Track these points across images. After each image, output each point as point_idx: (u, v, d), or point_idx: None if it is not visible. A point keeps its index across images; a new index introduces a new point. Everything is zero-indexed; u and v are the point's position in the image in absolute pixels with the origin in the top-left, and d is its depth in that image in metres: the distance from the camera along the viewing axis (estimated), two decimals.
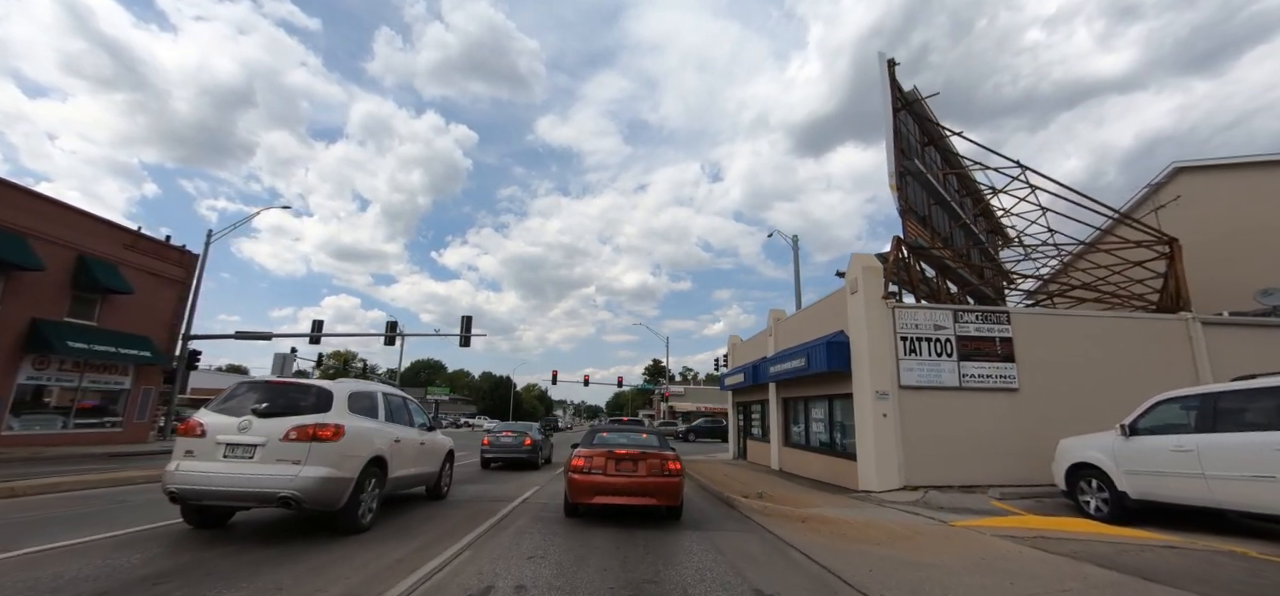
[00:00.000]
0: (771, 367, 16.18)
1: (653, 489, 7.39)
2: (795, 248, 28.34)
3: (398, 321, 29.78)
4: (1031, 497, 9.87)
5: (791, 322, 16.82)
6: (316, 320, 29.24)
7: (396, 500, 9.04)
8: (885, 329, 11.42)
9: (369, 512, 6.79)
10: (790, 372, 14.51)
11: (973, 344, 11.59)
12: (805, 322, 15.32)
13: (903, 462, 10.85)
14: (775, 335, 17.83)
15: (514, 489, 11.50)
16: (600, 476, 7.46)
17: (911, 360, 11.32)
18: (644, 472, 7.47)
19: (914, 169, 14.03)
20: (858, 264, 11.93)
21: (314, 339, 29.22)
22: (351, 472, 6.35)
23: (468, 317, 29.09)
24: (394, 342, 29.49)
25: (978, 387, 11.40)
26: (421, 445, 8.63)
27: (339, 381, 7.14)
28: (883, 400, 11.01)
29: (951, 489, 10.57)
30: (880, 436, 10.85)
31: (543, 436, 18.54)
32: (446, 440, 10.00)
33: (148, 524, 6.68)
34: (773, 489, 11.47)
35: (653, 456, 7.62)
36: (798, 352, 13.99)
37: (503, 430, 17.21)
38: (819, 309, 14.51)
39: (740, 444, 22.86)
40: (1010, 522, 7.64)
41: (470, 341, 29.17)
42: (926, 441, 11.02)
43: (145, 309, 24.07)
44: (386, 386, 8.32)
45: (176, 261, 26.12)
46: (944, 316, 11.72)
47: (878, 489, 10.62)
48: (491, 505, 9.29)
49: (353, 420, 6.65)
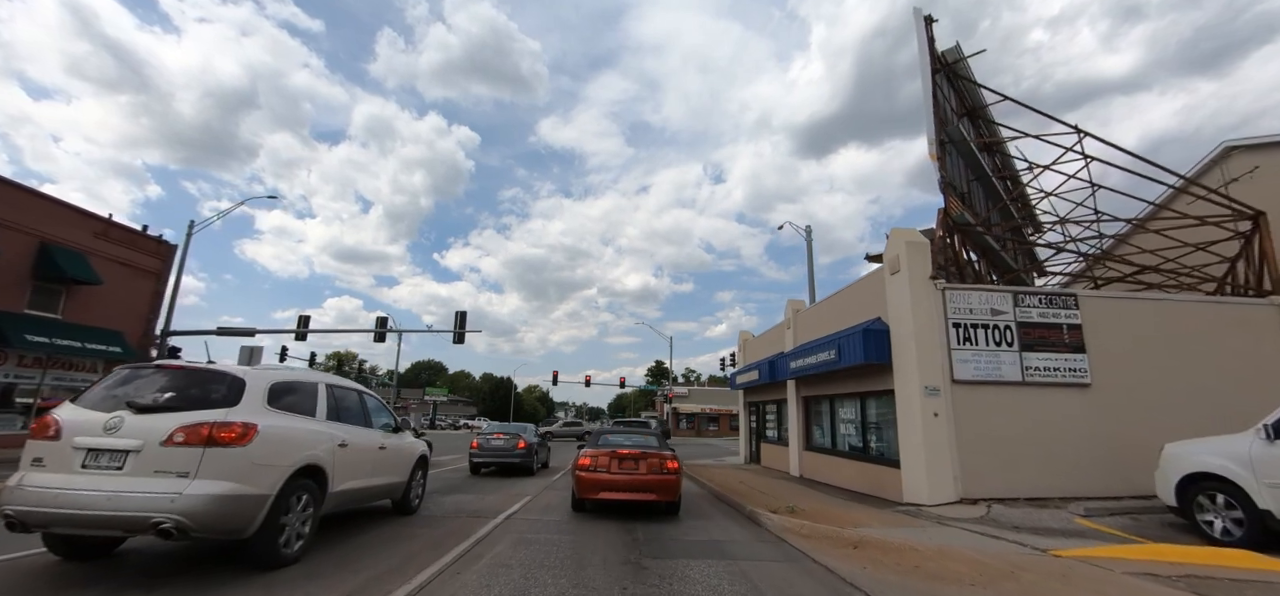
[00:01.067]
0: (791, 363, 14.54)
1: (653, 486, 7.99)
2: (809, 239, 26.75)
3: (388, 317, 28.27)
4: (1122, 513, 8.20)
5: (814, 313, 15.17)
6: (303, 315, 27.74)
7: (349, 517, 7.43)
8: (934, 314, 9.78)
9: (297, 539, 5.18)
10: (815, 368, 12.86)
11: (1036, 331, 9.93)
12: (831, 312, 13.67)
13: (958, 470, 9.19)
14: (794, 328, 16.18)
15: (501, 500, 9.88)
16: (605, 474, 8.05)
17: (966, 350, 9.67)
18: (645, 471, 8.08)
19: (957, 136, 12.39)
20: (899, 240, 10.28)
21: (300, 335, 27.66)
22: (267, 487, 4.74)
23: (462, 313, 27.51)
24: (384, 339, 27.98)
25: (1043, 382, 9.74)
26: (381, 450, 7.02)
27: (258, 367, 5.55)
28: (933, 397, 9.35)
29: (1018, 502, 8.90)
30: (931, 439, 9.20)
31: (538, 439, 16.94)
32: (418, 444, 8.40)
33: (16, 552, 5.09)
34: (801, 500, 9.82)
35: (653, 456, 8.22)
36: (824, 345, 12.34)
37: (494, 431, 15.60)
38: (849, 295, 12.86)
39: (752, 447, 21.19)
40: (1131, 553, 5.97)
41: (464, 337, 27.59)
42: (985, 445, 9.36)
43: (117, 302, 22.54)
44: (335, 378, 6.71)
45: (152, 252, 24.62)
46: (1003, 299, 10.06)
47: (929, 502, 8.96)
48: (469, 522, 7.67)
49: (273, 418, 5.05)
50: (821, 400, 14.33)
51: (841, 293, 13.43)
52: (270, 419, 4.99)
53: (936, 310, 9.79)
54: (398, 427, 7.87)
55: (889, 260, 10.50)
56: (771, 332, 19.14)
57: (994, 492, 9.09)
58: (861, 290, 12.17)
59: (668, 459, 8.27)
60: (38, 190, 19.86)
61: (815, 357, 12.84)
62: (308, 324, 27.90)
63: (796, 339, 15.84)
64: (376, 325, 27.96)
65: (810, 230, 27.10)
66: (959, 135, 12.38)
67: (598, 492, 8.01)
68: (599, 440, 9.08)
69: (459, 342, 27.59)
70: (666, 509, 8.54)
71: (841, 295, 13.33)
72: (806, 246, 26.58)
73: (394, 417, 7.89)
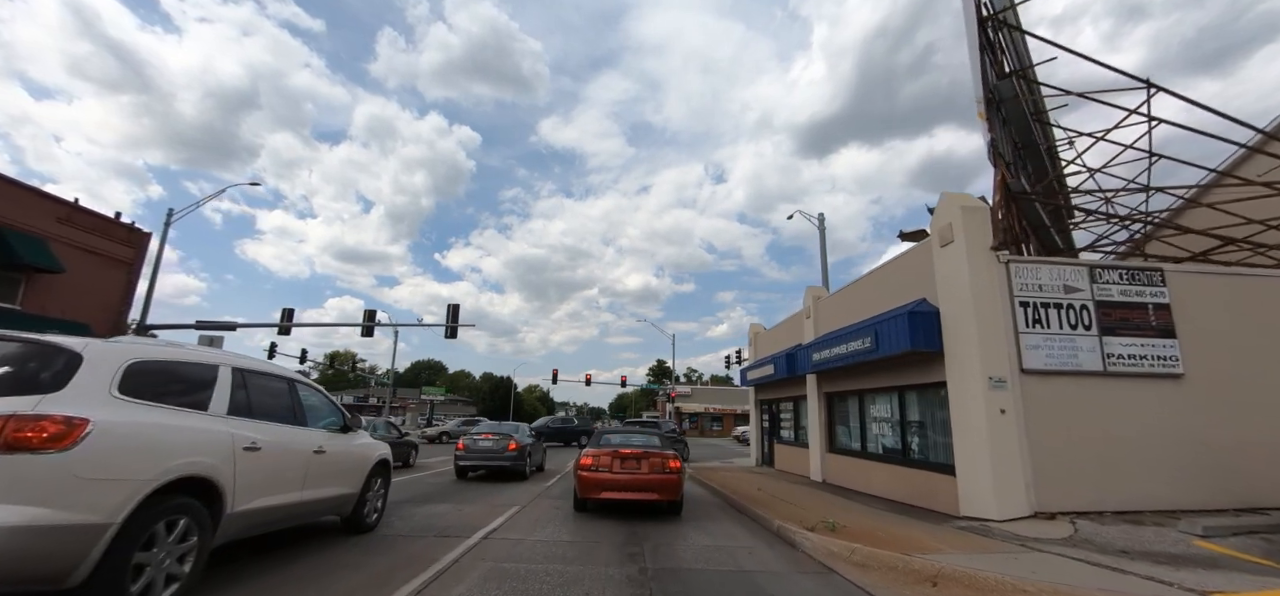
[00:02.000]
0: (814, 355, 12.98)
1: (655, 485, 7.95)
2: (821, 227, 25.24)
3: (377, 311, 26.72)
4: (1246, 532, 6.62)
5: (838, 300, 13.60)
6: (286, 309, 26.22)
7: (279, 540, 5.88)
8: (997, 291, 8.22)
9: (166, 584, 3.64)
10: (843, 359, 11.30)
11: (1117, 312, 8.36)
12: (861, 296, 12.11)
13: (1031, 478, 7.63)
14: (815, 316, 14.62)
15: (482, 512, 8.34)
16: (607, 474, 7.99)
17: (1036, 334, 8.11)
18: (647, 470, 8.01)
19: (1008, 92, 10.82)
20: (953, 205, 8.72)
21: (284, 329, 26.16)
22: (105, 513, 3.20)
23: (454, 306, 26.00)
24: (372, 333, 26.46)
25: (1128, 371, 8.17)
26: (318, 455, 5.47)
27: (117, 341, 4.02)
28: (999, 390, 7.79)
29: (1106, 517, 7.34)
30: (997, 441, 7.64)
31: (533, 439, 15.41)
32: (374, 447, 6.84)
33: None
34: (837, 513, 8.27)
35: (655, 455, 8.17)
36: (856, 332, 10.78)
37: (482, 432, 14.05)
38: (882, 276, 11.30)
39: (764, 448, 19.64)
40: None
41: (457, 332, 26.05)
42: (1061, 448, 7.81)
43: (84, 291, 21.03)
44: (251, 359, 5.16)
45: (124, 240, 23.09)
46: (1077, 274, 8.50)
47: (997, 516, 7.40)
48: (436, 545, 6.13)
49: (123, 411, 3.50)
50: (848, 396, 12.77)
51: (873, 274, 11.86)
52: (117, 412, 3.44)
53: (999, 287, 8.23)
54: (347, 426, 6.32)
55: (939, 230, 8.93)
56: (787, 324, 17.59)
57: (1075, 505, 7.53)
58: (899, 269, 10.61)
59: (670, 458, 8.24)
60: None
61: (844, 348, 11.29)
62: (292, 318, 26.40)
63: (818, 328, 14.28)
64: (365, 318, 26.45)
65: (823, 218, 25.62)
66: (1011, 92, 10.81)
67: (599, 492, 7.97)
68: (600, 439, 9.00)
69: (452, 337, 26.09)
70: (669, 508, 8.44)
71: (873, 276, 11.77)
72: (820, 235, 25.12)
73: (342, 414, 6.35)
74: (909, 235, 12.95)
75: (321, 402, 6.07)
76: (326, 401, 6.18)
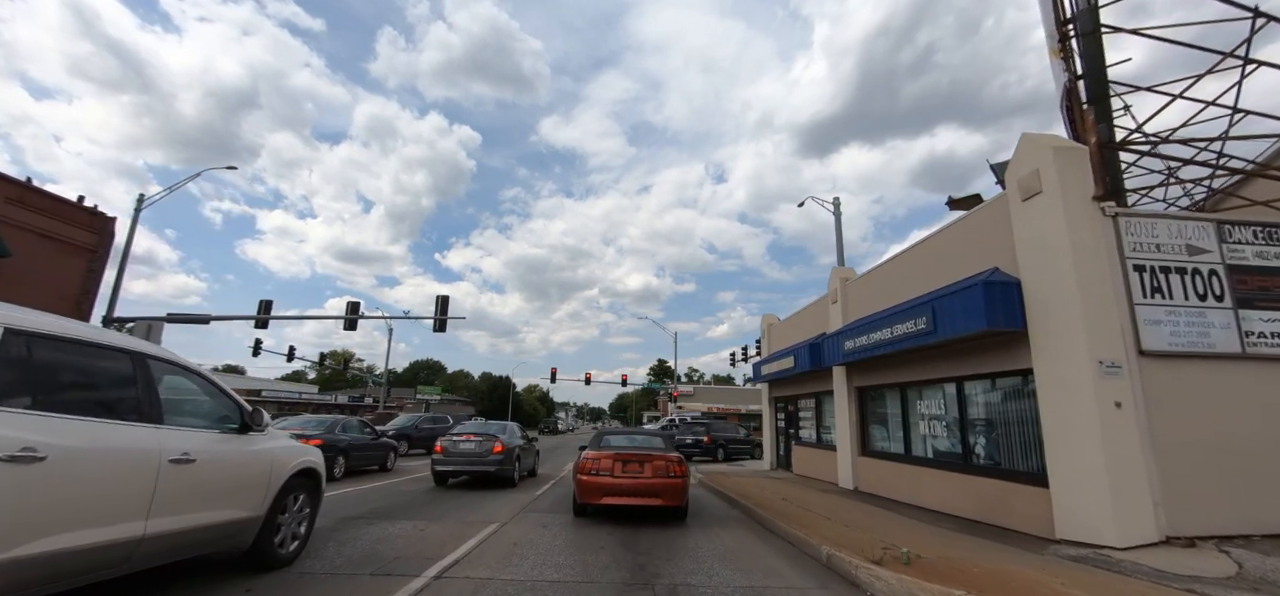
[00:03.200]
0: (846, 343, 11.22)
1: (659, 490, 7.51)
2: (837, 211, 23.54)
3: (360, 302, 24.99)
4: None
5: (874, 280, 11.84)
6: (264, 300, 24.48)
7: (145, 581, 4.12)
8: (1104, 252, 6.45)
9: None
10: (887, 346, 9.55)
11: (1256, 279, 6.60)
12: (901, 274, 10.36)
13: (1160, 493, 5.86)
14: (843, 301, 12.86)
15: (446, 535, 6.58)
16: (608, 478, 7.60)
17: (1155, 306, 6.35)
18: (650, 474, 7.59)
19: (1088, 26, 9.05)
20: (1040, 148, 6.94)
21: (261, 322, 24.41)
22: None
23: (443, 297, 24.22)
24: (355, 326, 24.68)
25: (1272, 353, 6.41)
26: (180, 464, 3.71)
27: None
28: (1112, 377, 6.02)
29: (1255, 541, 5.57)
30: (1113, 444, 5.87)
31: (523, 440, 13.66)
32: (290, 454, 5.05)
33: None
34: (894, 533, 6.51)
35: (658, 458, 7.74)
36: (905, 313, 9.03)
37: (464, 432, 12.28)
38: (936, 245, 9.53)
39: (780, 450, 17.89)
40: None
41: (446, 325, 24.29)
42: (1196, 452, 6.04)
43: (39, 280, 19.27)
44: (60, 322, 3.40)
45: (85, 224, 21.27)
46: (1201, 232, 6.74)
47: (1118, 543, 5.63)
48: (370, 588, 4.39)
49: None
50: (886, 391, 11.01)
51: (919, 246, 10.09)
52: None
53: (1107, 247, 6.47)
54: (247, 424, 4.55)
55: (1020, 181, 7.15)
56: (808, 311, 15.83)
57: (1219, 527, 5.78)
58: (958, 236, 8.85)
59: (674, 462, 7.75)
60: None
61: (886, 332, 9.53)
62: (270, 309, 24.66)
63: (847, 314, 12.52)
64: (348, 309, 24.69)
65: (839, 203, 23.91)
66: (1089, 25, 9.04)
67: (600, 497, 7.57)
68: (601, 441, 8.76)
69: (440, 331, 24.34)
70: (673, 513, 7.96)
71: (921, 249, 9.99)
72: (835, 222, 23.43)
73: (240, 408, 4.58)
74: (959, 202, 11.18)
75: (200, 392, 4.31)
76: (211, 389, 4.41)
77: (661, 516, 8.07)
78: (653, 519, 7.93)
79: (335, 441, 12.64)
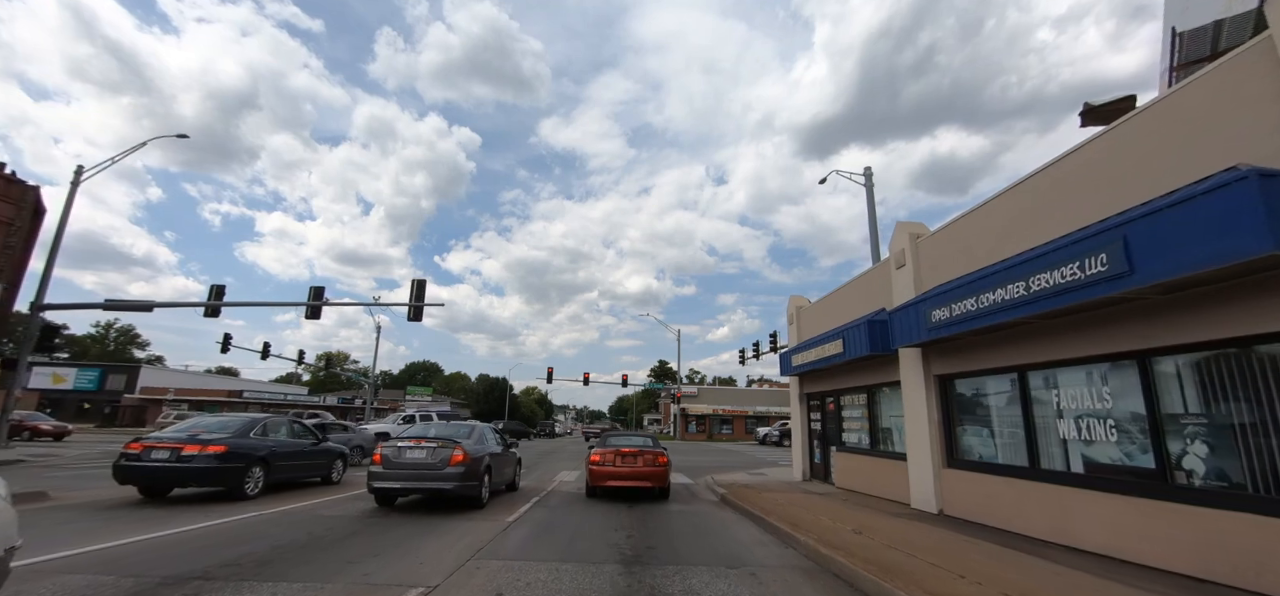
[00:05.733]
0: (935, 313, 8.14)
1: (648, 475, 10.25)
2: (869, 182, 20.68)
3: (324, 288, 21.87)
4: None
5: (957, 233, 8.76)
6: (216, 285, 21.42)
7: None
8: None
9: None
10: (1013, 309, 6.50)
11: None
12: (1022, 208, 7.30)
13: None
14: (916, 263, 9.81)
15: None
16: (611, 468, 10.29)
17: None
18: (641, 464, 10.31)
19: None
20: None
21: (211, 310, 21.34)
22: None
23: (419, 281, 21.18)
24: (319, 315, 21.57)
25: None
26: None
27: None
28: None
29: None
30: None
31: (499, 446, 10.60)
32: None
33: None
34: None
35: (648, 452, 10.57)
36: (1065, 252, 5.97)
37: (412, 436, 9.18)
38: (1084, 161, 6.45)
39: (814, 456, 14.82)
40: None
41: (422, 314, 21.23)
42: None
43: None
44: None
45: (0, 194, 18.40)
46: None
47: None
48: None
49: None
50: (988, 377, 7.96)
51: (1070, 158, 6.98)
52: None
53: None
54: None
55: None
56: (853, 286, 12.76)
57: None
58: (1135, 136, 5.79)
59: (659, 455, 10.60)
60: None
61: (1018, 287, 6.47)
62: (222, 295, 21.63)
63: (924, 280, 9.48)
64: (310, 296, 21.60)
65: (870, 172, 21.02)
66: None
67: (605, 481, 10.23)
68: (606, 440, 11.27)
69: (416, 319, 21.28)
70: (660, 494, 10.69)
71: (1070, 164, 6.90)
72: (867, 194, 20.52)
73: None
74: (1095, 110, 8.08)
75: None
76: None
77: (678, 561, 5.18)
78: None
79: (249, 448, 9.58)
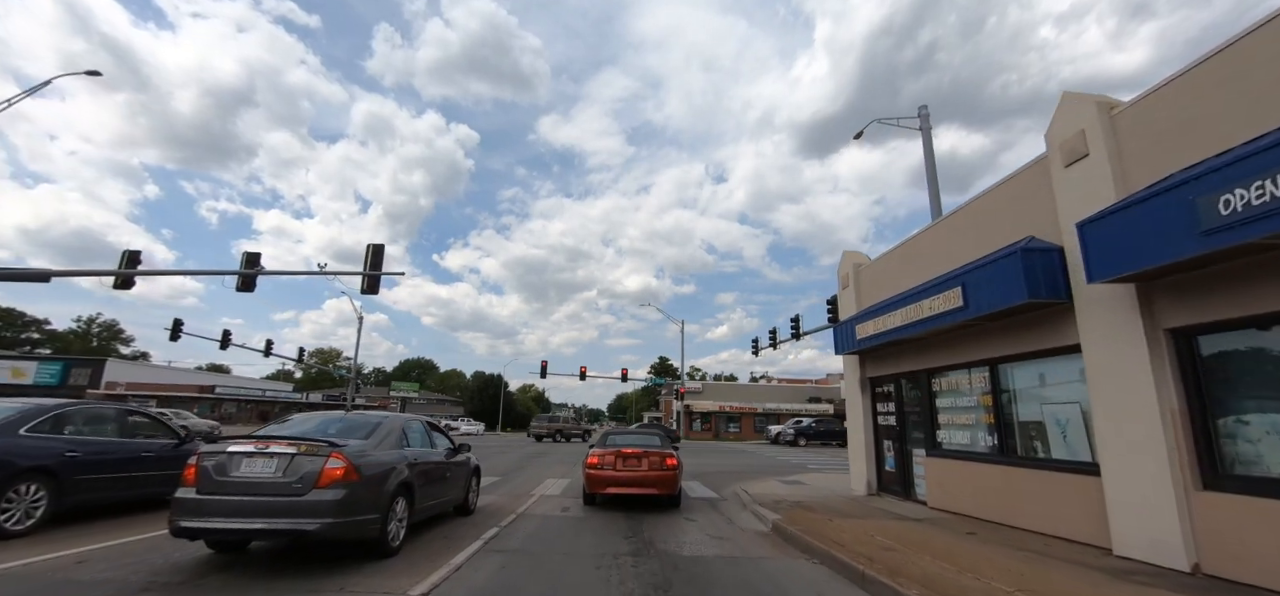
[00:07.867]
0: (1167, 243, 4.23)
1: (654, 481, 8.63)
2: (926, 123, 16.95)
3: (259, 254, 17.92)
4: None
5: (1203, 79, 4.84)
6: (131, 251, 17.49)
7: None
8: None
9: None
10: None
11: None
12: None
13: None
14: (1113, 148, 5.90)
15: None
16: (611, 471, 8.67)
17: None
18: (647, 468, 8.69)
19: None
20: None
21: (122, 281, 17.38)
22: None
23: (376, 246, 17.22)
24: (253, 287, 17.58)
25: None
26: None
27: None
28: None
29: None
30: None
31: (440, 448, 6.78)
32: None
33: None
34: None
35: (654, 454, 8.87)
36: None
37: (261, 438, 5.28)
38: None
39: (883, 462, 10.96)
40: None
41: (377, 285, 17.30)
42: None
43: None
44: None
45: None
46: None
47: None
48: None
49: None
50: None
51: None
52: None
53: None
54: None
55: None
56: (965, 213, 8.84)
57: None
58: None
59: (667, 457, 8.87)
60: None
61: None
62: (137, 262, 17.68)
63: (1130, 182, 5.59)
64: (243, 263, 17.63)
65: (926, 111, 17.28)
66: None
67: (605, 487, 8.59)
68: (606, 440, 9.54)
69: (371, 292, 17.37)
70: (668, 502, 9.07)
71: None
72: (924, 136, 16.78)
73: None
74: None
75: None
76: None
77: None
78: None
79: (17, 452, 5.71)
